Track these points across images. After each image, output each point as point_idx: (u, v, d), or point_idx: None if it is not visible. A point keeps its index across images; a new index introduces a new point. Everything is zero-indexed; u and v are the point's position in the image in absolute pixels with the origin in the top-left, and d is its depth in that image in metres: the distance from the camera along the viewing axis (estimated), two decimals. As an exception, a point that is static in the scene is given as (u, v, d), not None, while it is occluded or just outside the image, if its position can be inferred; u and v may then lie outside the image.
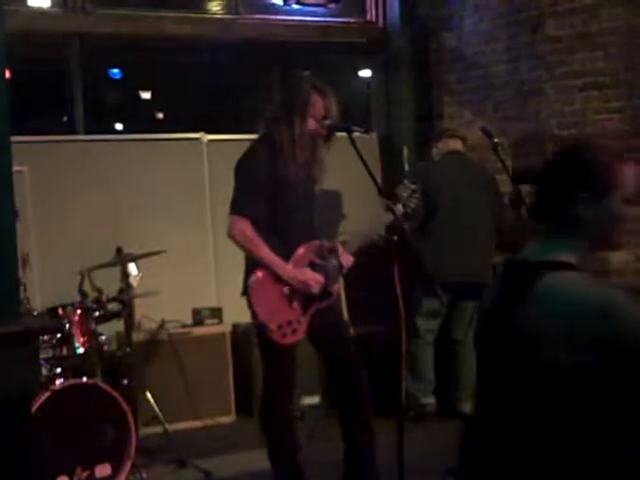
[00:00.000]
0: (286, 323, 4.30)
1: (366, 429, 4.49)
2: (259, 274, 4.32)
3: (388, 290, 4.12)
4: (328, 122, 4.35)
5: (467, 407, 6.18)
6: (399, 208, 4.42)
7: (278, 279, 4.31)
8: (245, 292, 4.38)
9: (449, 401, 6.30)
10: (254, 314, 4.36)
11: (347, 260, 4.43)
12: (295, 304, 4.32)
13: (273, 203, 4.32)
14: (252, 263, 4.36)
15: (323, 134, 4.38)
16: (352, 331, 5.25)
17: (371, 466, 4.50)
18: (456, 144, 6.34)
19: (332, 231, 4.74)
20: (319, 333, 4.48)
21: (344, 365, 4.46)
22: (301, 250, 4.35)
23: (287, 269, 4.30)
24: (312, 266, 4.37)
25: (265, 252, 4.28)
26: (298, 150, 4.34)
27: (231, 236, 4.35)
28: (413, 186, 4.49)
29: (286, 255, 4.32)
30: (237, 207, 4.33)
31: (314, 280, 4.32)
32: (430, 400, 6.26)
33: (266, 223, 4.31)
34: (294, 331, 4.32)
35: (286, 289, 4.31)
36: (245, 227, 4.29)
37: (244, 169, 4.37)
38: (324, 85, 4.42)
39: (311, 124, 4.33)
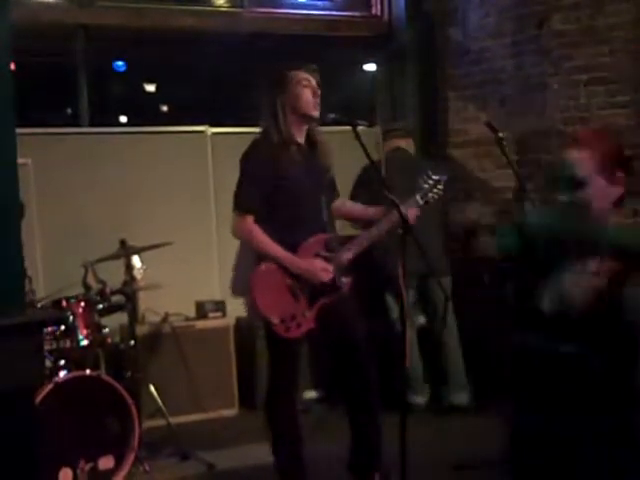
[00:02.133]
0: (290, 317, 4.28)
1: (374, 424, 4.48)
2: (261, 267, 4.31)
3: (387, 285, 4.13)
4: (332, 116, 4.34)
5: (457, 399, 6.18)
6: (417, 199, 4.44)
7: (281, 272, 4.30)
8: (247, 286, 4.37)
9: (441, 397, 6.28)
10: (257, 307, 4.34)
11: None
12: (299, 297, 4.31)
13: (277, 197, 4.31)
14: (257, 257, 4.36)
15: (322, 115, 4.36)
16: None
17: (377, 461, 4.50)
18: (401, 142, 6.41)
19: (337, 224, 4.72)
20: (329, 327, 4.46)
21: (354, 361, 4.42)
22: (307, 243, 4.34)
23: (296, 261, 4.28)
24: (317, 258, 4.35)
25: (271, 247, 4.26)
26: (293, 136, 4.34)
27: (236, 236, 4.35)
28: (436, 177, 4.48)
29: (291, 248, 4.31)
30: (240, 203, 4.33)
31: (323, 269, 4.31)
32: (418, 400, 6.22)
33: (270, 217, 4.31)
34: (298, 325, 4.29)
35: (290, 282, 4.30)
36: (249, 225, 4.28)
37: (245, 164, 4.37)
38: (302, 62, 4.41)
39: (306, 96, 4.32)
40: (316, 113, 4.36)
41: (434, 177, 4.50)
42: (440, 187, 4.51)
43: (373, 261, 5.88)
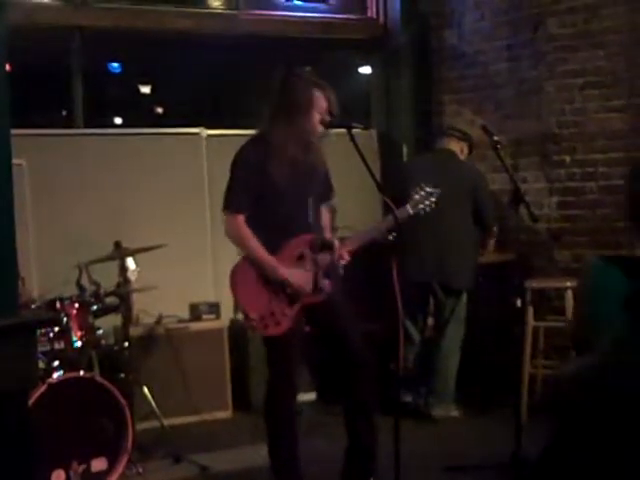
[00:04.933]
0: (269, 314, 4.28)
1: (370, 427, 4.47)
2: (243, 263, 4.32)
3: (385, 288, 4.14)
4: (327, 118, 4.33)
5: (437, 411, 6.16)
6: (408, 209, 4.43)
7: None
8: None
9: (424, 404, 6.26)
10: (236, 302, 4.34)
11: (342, 257, 4.41)
12: (280, 295, 4.30)
13: (266, 201, 4.31)
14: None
15: (323, 127, 4.35)
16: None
17: (372, 463, 4.49)
18: (449, 143, 6.35)
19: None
20: (321, 328, 4.46)
21: (350, 361, 4.40)
22: (291, 242, 4.34)
23: (277, 269, 4.27)
24: (301, 258, 4.35)
25: (258, 250, 4.27)
26: (298, 149, 4.33)
27: (228, 236, 4.35)
28: (429, 189, 4.48)
29: (276, 248, 4.30)
30: (230, 204, 4.33)
31: (302, 280, 4.29)
32: (407, 398, 6.21)
33: (257, 217, 4.31)
34: (277, 323, 4.28)
35: (270, 279, 4.31)
36: (240, 225, 4.28)
37: (237, 165, 4.37)
38: (321, 80, 4.40)
39: (317, 119, 4.32)
40: (316, 139, 4.36)
41: (427, 189, 4.50)
42: (433, 199, 4.50)
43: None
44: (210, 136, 7.00)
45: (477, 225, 6.21)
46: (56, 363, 4.98)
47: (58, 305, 5.09)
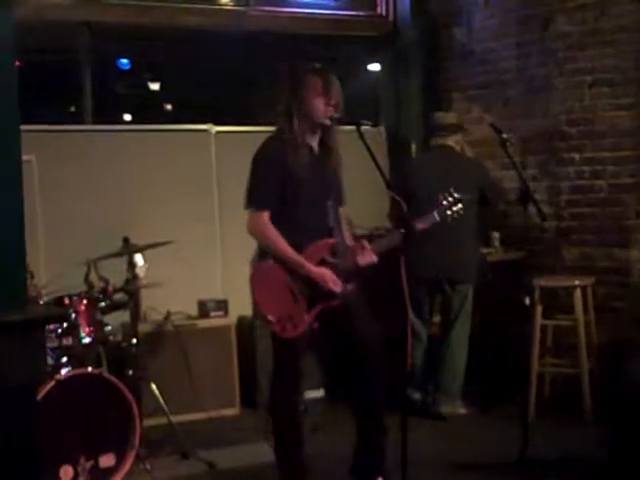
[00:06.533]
0: (287, 317, 4.27)
1: (380, 426, 4.46)
2: (265, 264, 4.31)
3: (392, 285, 4.15)
4: (337, 115, 4.33)
5: (445, 408, 6.16)
6: (435, 215, 4.47)
7: (283, 272, 4.28)
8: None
9: (431, 401, 6.25)
10: (255, 304, 4.33)
11: (367, 259, 4.42)
12: (299, 299, 4.29)
13: (286, 198, 4.31)
14: (262, 253, 4.35)
15: (330, 116, 4.34)
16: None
17: (381, 463, 4.48)
18: (444, 140, 6.34)
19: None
20: (334, 327, 4.44)
21: (362, 361, 4.39)
22: (313, 246, 4.33)
23: (307, 266, 4.27)
24: (322, 263, 4.34)
25: (285, 248, 4.25)
26: (311, 137, 4.34)
27: (252, 233, 4.32)
28: (457, 195, 4.49)
29: (294, 249, 4.30)
30: (254, 201, 4.32)
31: (333, 280, 4.29)
32: (415, 396, 6.21)
33: (275, 216, 4.30)
34: (295, 326, 4.28)
35: (291, 283, 4.29)
36: (265, 221, 4.27)
37: (258, 162, 4.37)
38: (324, 68, 4.40)
39: (319, 105, 4.31)
40: (327, 121, 4.34)
41: (455, 195, 4.50)
42: (460, 206, 4.55)
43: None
44: (219, 132, 6.99)
45: (485, 207, 6.24)
46: (64, 359, 4.98)
47: (66, 301, 5.10)
